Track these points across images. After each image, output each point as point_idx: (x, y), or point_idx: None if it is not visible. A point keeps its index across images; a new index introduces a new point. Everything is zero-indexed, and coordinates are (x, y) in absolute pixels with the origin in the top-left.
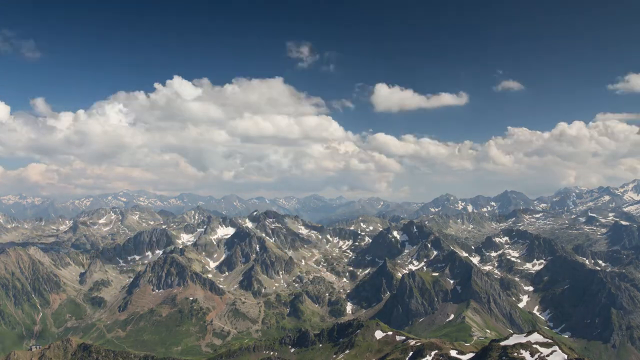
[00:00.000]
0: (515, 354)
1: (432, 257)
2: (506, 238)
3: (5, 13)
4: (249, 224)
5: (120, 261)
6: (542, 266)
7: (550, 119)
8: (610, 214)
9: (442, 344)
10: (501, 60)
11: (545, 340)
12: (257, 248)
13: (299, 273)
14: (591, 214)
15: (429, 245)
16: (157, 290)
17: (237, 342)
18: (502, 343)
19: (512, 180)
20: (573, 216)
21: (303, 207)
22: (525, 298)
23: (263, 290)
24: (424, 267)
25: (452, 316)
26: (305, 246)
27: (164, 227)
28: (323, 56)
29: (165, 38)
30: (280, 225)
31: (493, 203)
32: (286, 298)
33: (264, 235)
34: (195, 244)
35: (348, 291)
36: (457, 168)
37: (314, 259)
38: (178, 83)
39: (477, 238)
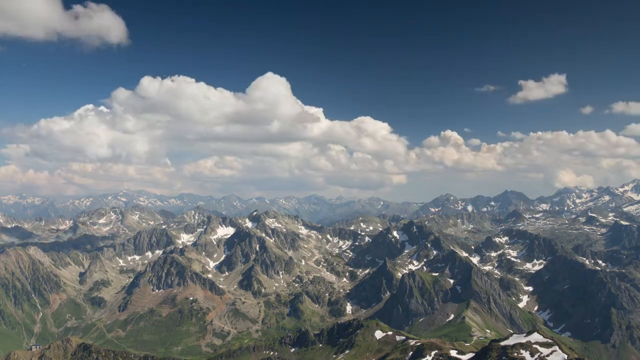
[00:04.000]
0: (515, 354)
1: (432, 257)
2: (506, 238)
3: None
4: (249, 224)
5: (120, 261)
6: (542, 266)
7: None
8: (610, 214)
9: (442, 344)
10: None
11: (545, 340)
12: (257, 248)
13: (299, 273)
14: (591, 214)
15: (429, 245)
16: (157, 290)
17: (237, 342)
18: (502, 343)
19: None
20: (573, 216)
21: (303, 207)
22: (525, 298)
23: (263, 290)
24: (424, 267)
25: (452, 316)
26: (306, 246)
27: (164, 227)
28: None
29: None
30: (280, 225)
31: (493, 203)
32: (286, 298)
33: (264, 235)
34: (195, 244)
35: (348, 291)
36: None
37: (314, 259)
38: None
39: (477, 238)
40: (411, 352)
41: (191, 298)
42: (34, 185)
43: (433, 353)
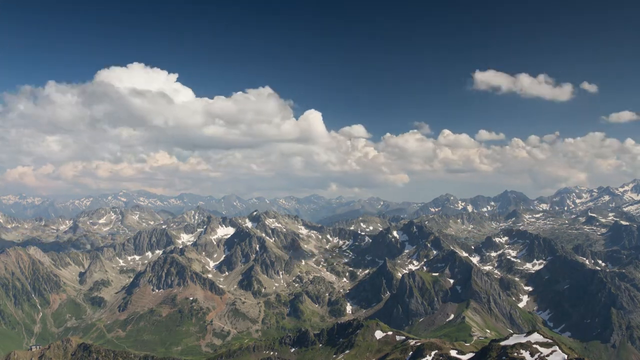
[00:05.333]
0: (515, 354)
1: (432, 257)
2: (506, 238)
3: None
4: (249, 224)
5: (120, 261)
6: (542, 266)
7: None
8: (610, 214)
9: (442, 344)
10: None
11: (545, 340)
12: (257, 248)
13: (299, 273)
14: (591, 214)
15: (429, 245)
16: (157, 290)
17: (237, 342)
18: (502, 343)
19: None
20: (573, 216)
21: (303, 207)
22: (525, 298)
23: (263, 290)
24: (424, 267)
25: (452, 316)
26: (306, 246)
27: (164, 227)
28: None
29: None
30: (280, 225)
31: (493, 203)
32: (286, 298)
33: (264, 235)
34: (195, 244)
35: (348, 291)
36: None
37: (313, 259)
38: None
39: (477, 238)
40: (411, 352)
41: (191, 298)
42: None
43: (433, 353)
